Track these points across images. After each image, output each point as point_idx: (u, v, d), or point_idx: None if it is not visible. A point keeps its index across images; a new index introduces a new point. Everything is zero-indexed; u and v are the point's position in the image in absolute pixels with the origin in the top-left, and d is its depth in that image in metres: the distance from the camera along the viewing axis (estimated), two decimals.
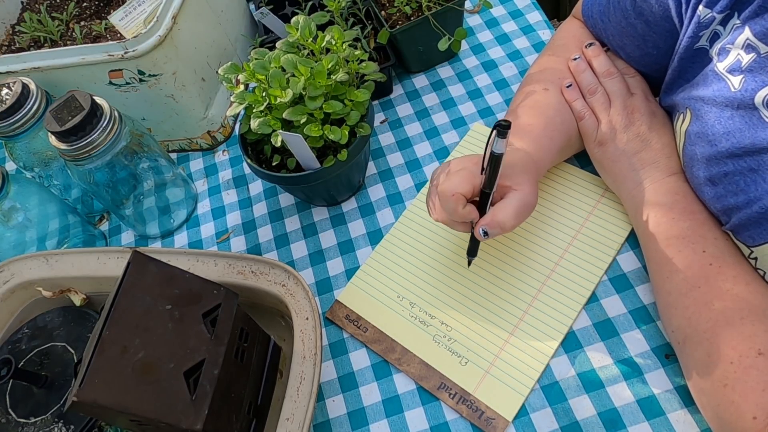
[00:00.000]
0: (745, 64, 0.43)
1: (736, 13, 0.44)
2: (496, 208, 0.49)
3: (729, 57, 0.45)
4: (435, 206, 0.52)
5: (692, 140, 0.49)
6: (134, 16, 0.71)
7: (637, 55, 0.59)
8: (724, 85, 0.45)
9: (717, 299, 0.45)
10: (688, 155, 0.50)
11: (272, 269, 0.55)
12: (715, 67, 0.46)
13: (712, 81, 0.46)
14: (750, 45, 0.43)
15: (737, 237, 0.47)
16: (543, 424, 0.51)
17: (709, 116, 0.46)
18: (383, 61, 0.74)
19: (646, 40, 0.56)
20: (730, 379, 0.42)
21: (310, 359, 0.49)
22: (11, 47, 0.82)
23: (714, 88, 0.46)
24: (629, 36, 0.57)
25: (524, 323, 0.56)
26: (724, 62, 0.45)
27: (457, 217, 0.50)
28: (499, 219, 0.48)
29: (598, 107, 0.58)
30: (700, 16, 0.46)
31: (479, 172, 0.49)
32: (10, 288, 0.61)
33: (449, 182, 0.49)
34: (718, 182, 0.46)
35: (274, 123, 0.58)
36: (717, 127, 0.45)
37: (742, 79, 0.43)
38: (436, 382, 0.55)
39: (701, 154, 0.47)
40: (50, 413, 0.53)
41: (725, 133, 0.44)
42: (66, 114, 0.58)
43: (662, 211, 0.51)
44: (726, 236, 0.49)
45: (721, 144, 0.45)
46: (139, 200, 0.72)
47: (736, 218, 0.45)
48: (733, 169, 0.44)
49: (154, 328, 0.45)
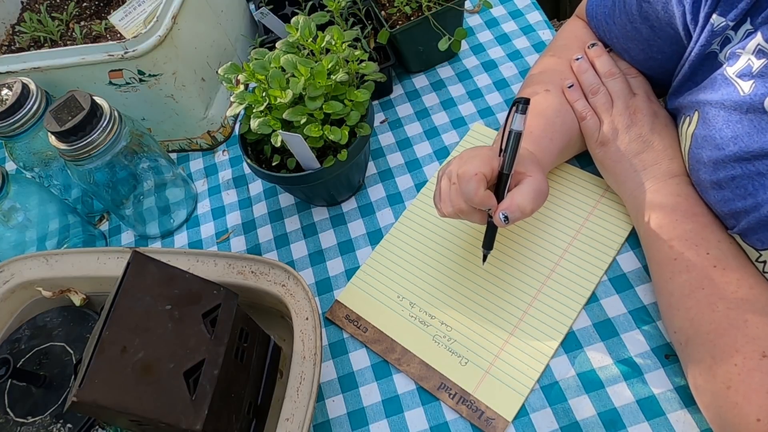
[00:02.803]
0: (756, 69, 0.43)
1: (749, 18, 0.44)
2: (514, 192, 0.48)
3: (739, 62, 0.44)
4: (446, 199, 0.51)
5: (699, 143, 0.49)
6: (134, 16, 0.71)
7: (641, 59, 0.59)
8: (734, 90, 0.44)
9: (721, 301, 0.45)
10: (693, 158, 0.50)
11: (272, 269, 0.55)
12: (725, 71, 0.46)
13: (721, 85, 0.46)
14: (762, 50, 0.43)
15: (745, 240, 0.46)
16: (543, 424, 0.51)
17: (716, 120, 0.46)
18: (383, 61, 0.74)
19: (651, 45, 0.55)
20: (733, 381, 0.42)
21: (310, 359, 0.49)
22: (11, 47, 0.82)
23: (723, 92, 0.46)
24: (634, 40, 0.57)
25: (524, 323, 0.56)
26: (734, 67, 0.45)
27: (477, 200, 0.48)
28: (519, 202, 0.48)
29: (600, 108, 0.58)
30: (713, 24, 0.46)
31: (496, 155, 0.49)
32: (10, 288, 0.61)
33: (469, 164, 0.48)
34: (725, 186, 0.46)
35: (274, 123, 0.58)
36: (725, 131, 0.45)
37: (753, 84, 0.43)
38: (436, 382, 0.55)
39: (708, 158, 0.47)
40: (48, 413, 0.53)
41: (733, 137, 0.44)
42: (66, 114, 0.58)
43: (665, 212, 0.51)
44: (729, 239, 0.48)
45: (728, 148, 0.45)
46: (139, 200, 0.72)
47: (745, 222, 0.45)
48: (741, 172, 0.44)
49: (154, 328, 0.45)
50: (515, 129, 0.47)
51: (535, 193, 0.48)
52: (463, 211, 0.50)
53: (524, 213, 0.48)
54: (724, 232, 0.49)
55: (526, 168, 0.50)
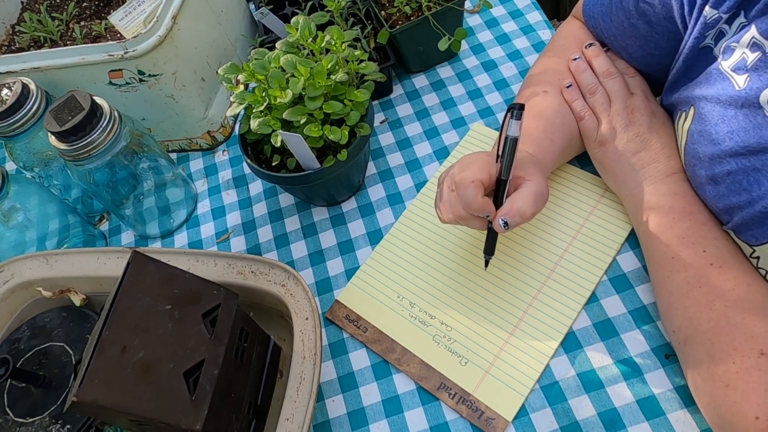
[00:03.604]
0: (750, 62, 0.43)
1: (743, 12, 0.44)
2: (513, 197, 0.48)
3: (734, 55, 0.44)
4: (446, 205, 0.51)
5: (694, 139, 0.49)
6: (134, 16, 0.71)
7: (639, 56, 0.59)
8: (729, 84, 0.44)
9: (718, 299, 0.45)
10: (689, 154, 0.50)
11: (272, 269, 0.55)
12: (720, 66, 0.46)
13: (716, 79, 0.46)
14: (756, 43, 0.42)
15: (739, 236, 0.46)
16: (543, 424, 0.51)
17: (712, 115, 0.46)
18: (383, 61, 0.74)
19: (649, 41, 0.55)
20: (732, 380, 0.42)
21: (310, 359, 0.49)
22: (11, 47, 0.82)
23: (718, 86, 0.46)
24: (631, 36, 0.57)
25: (524, 323, 0.56)
26: (729, 61, 0.45)
27: (475, 207, 0.48)
28: (519, 206, 0.47)
29: (599, 107, 0.58)
30: (706, 16, 0.46)
31: (494, 161, 0.49)
32: (10, 288, 0.61)
33: (467, 171, 0.48)
34: (721, 181, 0.46)
35: (274, 123, 0.58)
36: (720, 126, 0.45)
37: (747, 77, 0.43)
38: (436, 382, 0.55)
39: (703, 153, 0.47)
40: (48, 413, 0.53)
41: (729, 132, 0.44)
42: (66, 114, 0.58)
43: (662, 211, 0.51)
44: (726, 236, 0.49)
45: (724, 143, 0.45)
46: (139, 200, 0.72)
47: (738, 217, 0.45)
48: (736, 168, 0.44)
49: (154, 328, 0.45)
50: (511, 135, 0.47)
51: (535, 197, 0.48)
52: (462, 218, 0.50)
53: (524, 217, 0.48)
54: (721, 229, 0.49)
55: (526, 171, 0.49)
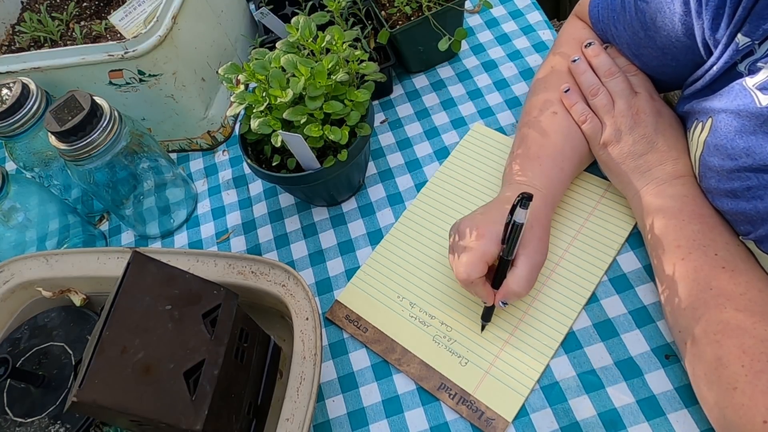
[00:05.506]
0: None
1: None
2: (508, 279, 0.52)
3: (760, 74, 0.44)
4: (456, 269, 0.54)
5: (711, 151, 0.48)
6: (134, 16, 0.71)
7: (654, 65, 0.57)
8: (750, 100, 0.44)
9: (729, 302, 0.45)
10: (704, 165, 0.49)
11: (272, 269, 0.55)
12: (744, 82, 0.45)
13: (738, 94, 0.45)
14: None
15: (760, 247, 0.46)
16: (543, 424, 0.51)
17: (729, 129, 0.45)
18: (383, 61, 0.74)
19: (666, 53, 0.54)
20: (740, 383, 0.42)
21: (310, 359, 0.49)
22: (11, 47, 0.82)
23: (739, 101, 0.45)
24: (647, 47, 0.56)
25: (524, 323, 0.56)
26: (755, 78, 0.44)
27: (479, 296, 0.54)
28: (514, 289, 0.51)
29: (602, 109, 0.58)
30: (738, 44, 0.45)
31: (495, 240, 0.51)
32: (10, 288, 0.61)
33: (464, 269, 0.52)
34: (741, 195, 0.46)
35: (274, 123, 0.58)
36: (737, 142, 0.44)
37: None
38: (436, 383, 0.55)
39: (719, 166, 0.47)
40: (47, 413, 0.53)
41: (746, 149, 0.44)
42: (66, 114, 0.58)
43: (671, 213, 0.51)
44: (736, 241, 0.48)
45: (741, 159, 0.44)
46: (139, 200, 0.72)
47: (763, 229, 0.45)
48: (756, 183, 0.44)
49: (154, 328, 0.45)
50: (518, 221, 0.49)
51: (528, 274, 0.51)
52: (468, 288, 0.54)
53: (520, 296, 0.52)
54: (732, 234, 0.49)
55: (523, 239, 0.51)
